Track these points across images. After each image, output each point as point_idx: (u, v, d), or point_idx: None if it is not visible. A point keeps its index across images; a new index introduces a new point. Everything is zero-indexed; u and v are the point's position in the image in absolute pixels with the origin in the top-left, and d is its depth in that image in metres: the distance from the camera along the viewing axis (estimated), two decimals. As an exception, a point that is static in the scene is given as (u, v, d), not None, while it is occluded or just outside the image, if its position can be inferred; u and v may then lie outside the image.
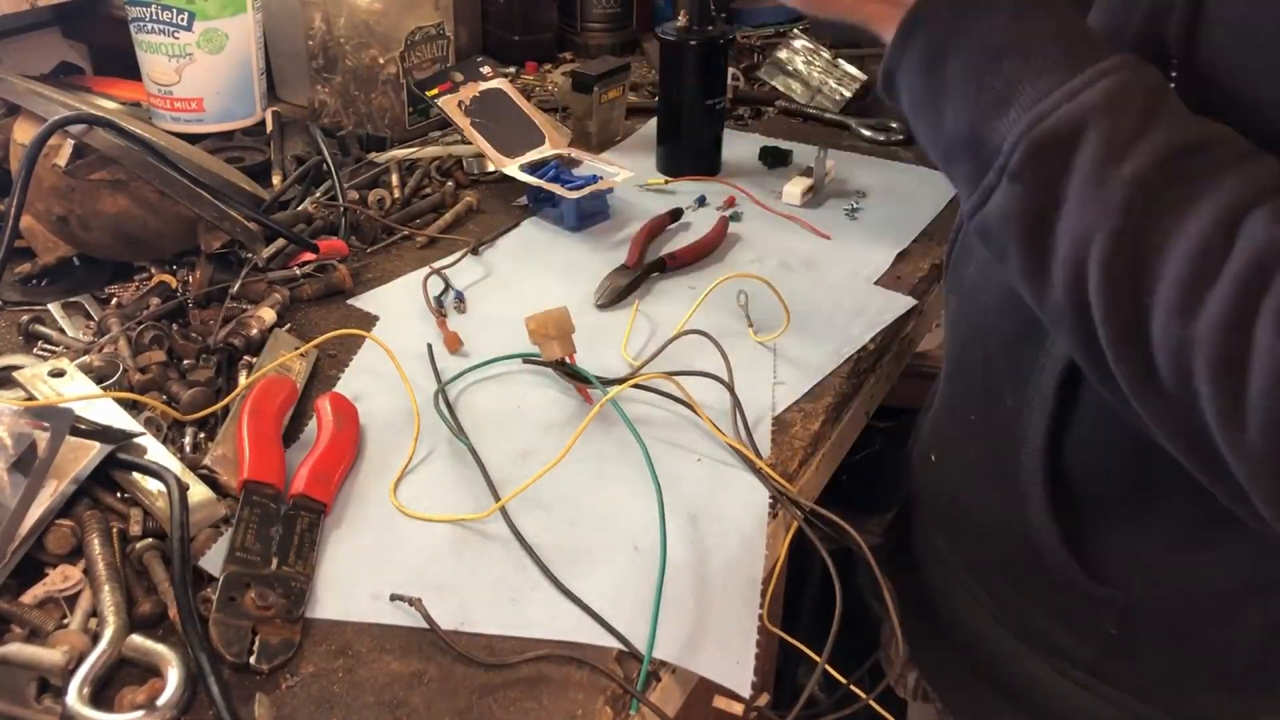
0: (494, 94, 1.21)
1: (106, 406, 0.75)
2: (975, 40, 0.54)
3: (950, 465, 0.80)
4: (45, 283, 0.97)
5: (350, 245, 1.04)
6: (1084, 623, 0.69)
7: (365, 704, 0.59)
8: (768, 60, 1.52)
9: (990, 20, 0.54)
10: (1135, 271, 0.49)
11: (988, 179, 0.53)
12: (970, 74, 0.54)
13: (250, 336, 0.88)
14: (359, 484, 0.75)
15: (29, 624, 0.61)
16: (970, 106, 0.54)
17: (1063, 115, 0.50)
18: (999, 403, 0.70)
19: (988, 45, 0.54)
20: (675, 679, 0.64)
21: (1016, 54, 0.53)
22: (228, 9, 1.17)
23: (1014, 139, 0.51)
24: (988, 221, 0.55)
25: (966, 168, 0.56)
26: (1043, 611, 0.72)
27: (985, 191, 0.54)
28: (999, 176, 0.53)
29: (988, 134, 0.53)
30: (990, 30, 0.54)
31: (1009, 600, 0.75)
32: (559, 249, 1.08)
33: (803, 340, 0.93)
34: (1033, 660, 0.74)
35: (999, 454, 0.70)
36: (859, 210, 1.17)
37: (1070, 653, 0.71)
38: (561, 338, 0.82)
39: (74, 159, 0.90)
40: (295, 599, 0.64)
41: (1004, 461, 0.70)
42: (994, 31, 0.54)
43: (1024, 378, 0.67)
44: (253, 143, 1.23)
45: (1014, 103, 0.52)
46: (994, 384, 0.71)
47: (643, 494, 0.74)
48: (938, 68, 0.55)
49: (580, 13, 1.61)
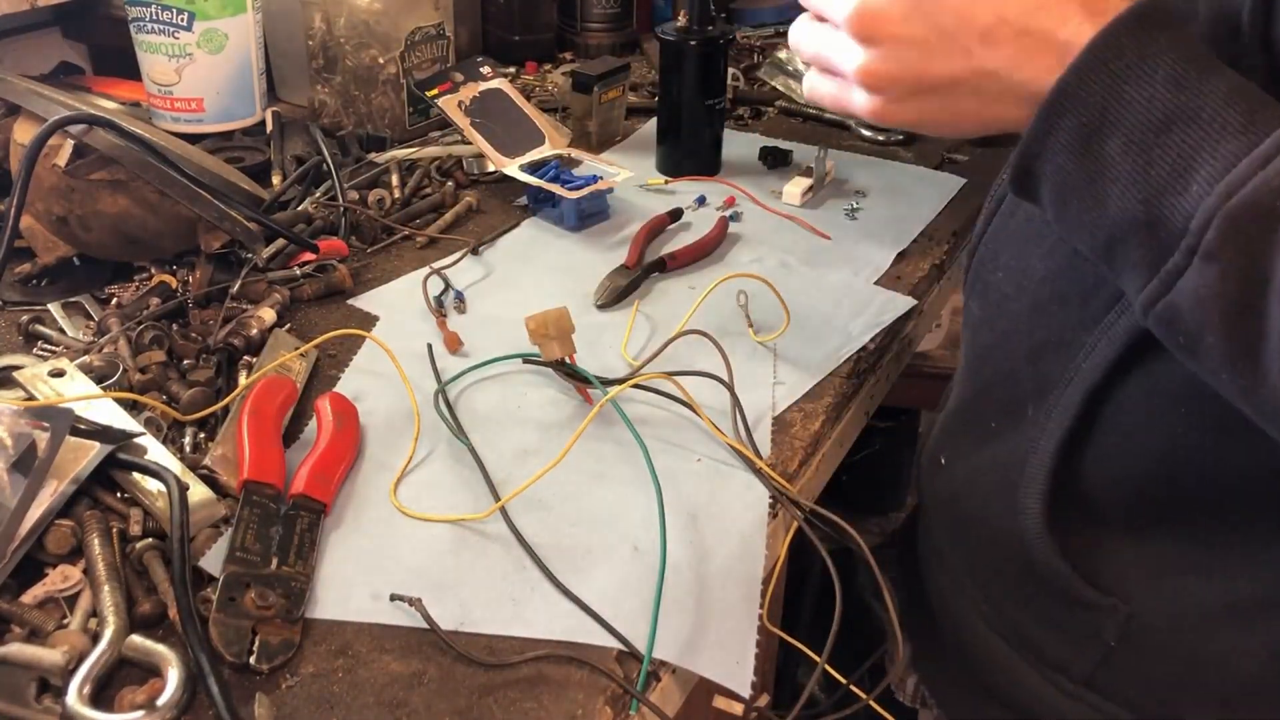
0: (494, 94, 1.21)
1: (106, 406, 0.75)
2: (1136, 114, 0.49)
3: (958, 469, 0.79)
4: (45, 283, 0.97)
5: (350, 245, 1.04)
6: (1082, 634, 0.69)
7: (365, 704, 0.59)
8: (768, 60, 1.52)
9: (1150, 90, 0.49)
10: None
11: (1172, 261, 0.49)
12: (1135, 150, 0.49)
13: (250, 336, 0.88)
14: (359, 484, 0.75)
15: (29, 624, 0.61)
16: (1139, 185, 0.49)
17: (1259, 184, 0.46)
18: (1019, 411, 0.69)
19: (1151, 117, 0.49)
20: (675, 679, 0.64)
21: (1187, 123, 0.48)
22: (228, 9, 1.17)
23: (1205, 215, 0.47)
24: (1176, 307, 0.50)
25: (1139, 253, 0.51)
26: (1039, 621, 0.72)
27: (1170, 275, 0.49)
28: (1188, 257, 0.48)
29: (1166, 213, 0.49)
30: (1152, 101, 0.49)
31: (1007, 608, 0.75)
32: (559, 249, 1.08)
33: (803, 340, 0.93)
34: (1028, 670, 0.73)
35: (1008, 461, 0.70)
36: (859, 210, 1.17)
37: (1065, 664, 0.71)
38: (561, 338, 0.82)
39: (74, 159, 0.90)
40: (295, 599, 0.64)
41: (1010, 469, 0.69)
42: (1156, 102, 0.49)
43: (1049, 388, 0.66)
44: (253, 143, 1.23)
45: (1194, 176, 0.48)
46: (1017, 393, 0.70)
47: (643, 494, 0.74)
48: (1094, 148, 0.50)
49: (580, 13, 1.61)
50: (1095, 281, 0.63)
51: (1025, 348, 0.69)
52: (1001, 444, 0.72)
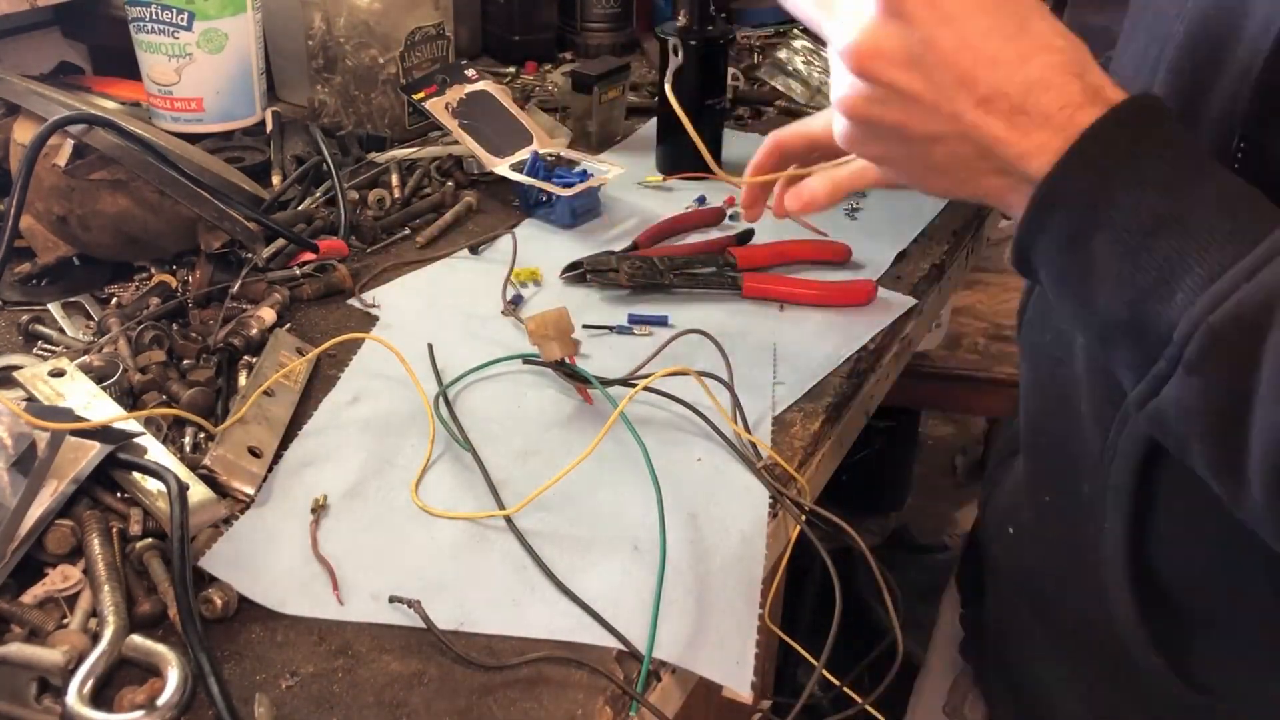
0: (480, 96, 1.21)
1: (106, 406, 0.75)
2: (1124, 214, 0.47)
3: (1028, 543, 0.76)
4: (45, 283, 0.97)
5: (350, 245, 1.04)
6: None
7: (365, 704, 0.59)
8: (768, 60, 1.52)
9: (1138, 194, 0.47)
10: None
11: (1158, 367, 0.48)
12: (1122, 252, 0.48)
13: (250, 336, 0.88)
14: (360, 484, 0.75)
15: (29, 624, 0.61)
16: (1125, 289, 0.48)
17: (1243, 297, 0.44)
18: (1075, 488, 0.66)
19: (1138, 219, 0.47)
20: (675, 679, 0.64)
21: (1174, 228, 0.46)
22: (228, 9, 1.17)
23: (1188, 326, 0.45)
24: (1163, 412, 0.48)
25: (1128, 355, 0.50)
26: (1135, 709, 0.68)
27: (1156, 380, 0.48)
28: (1172, 366, 0.47)
29: (1151, 319, 0.47)
30: (1139, 204, 0.47)
31: (1099, 690, 0.71)
32: (554, 247, 1.08)
33: (803, 340, 0.93)
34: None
35: (1079, 542, 0.66)
36: (859, 210, 1.17)
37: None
38: (561, 338, 0.82)
39: (74, 159, 0.90)
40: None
41: (1085, 551, 0.65)
42: (1144, 205, 0.47)
43: (1099, 465, 0.62)
44: (253, 143, 1.23)
45: (1180, 284, 0.46)
46: (1071, 467, 0.66)
47: (643, 494, 0.74)
48: (1081, 245, 0.49)
49: (580, 13, 1.61)
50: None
51: (1076, 420, 0.65)
52: (1065, 521, 0.69)
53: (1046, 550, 0.73)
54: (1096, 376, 0.63)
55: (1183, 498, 0.59)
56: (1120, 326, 0.49)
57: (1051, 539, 0.72)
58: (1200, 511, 0.57)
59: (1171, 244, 0.46)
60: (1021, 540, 0.77)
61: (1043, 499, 0.72)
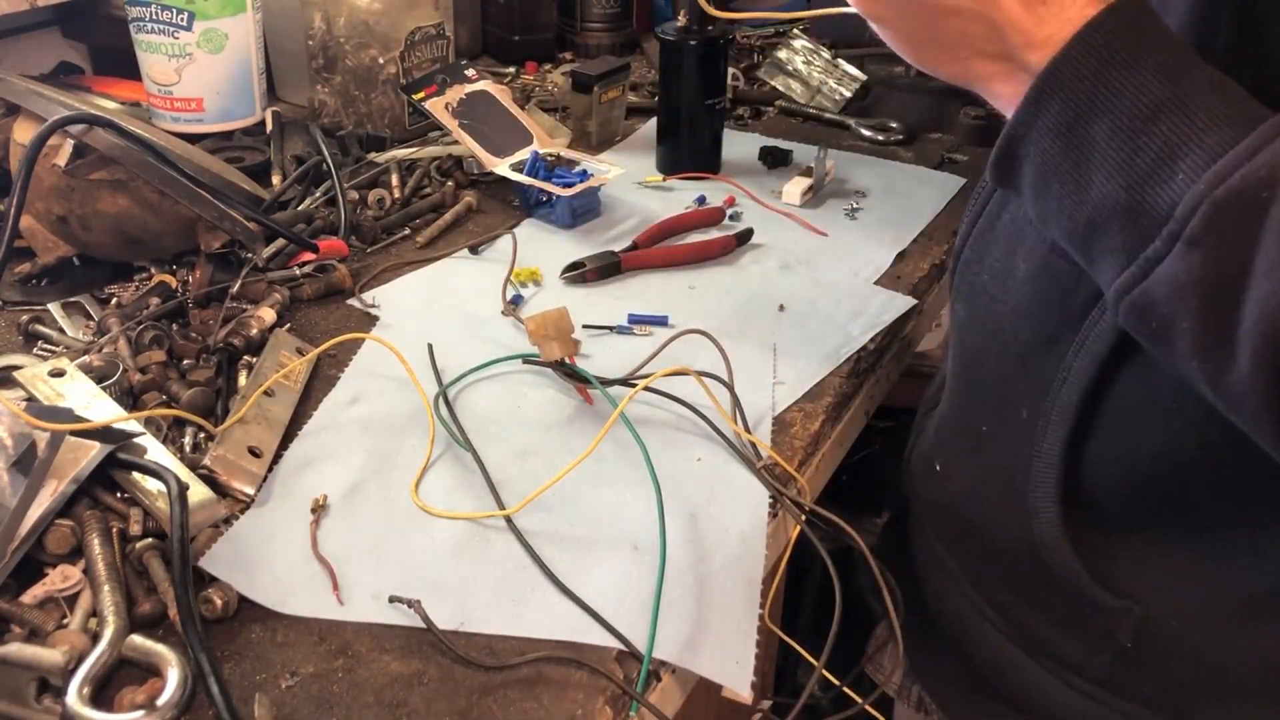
0: (480, 96, 1.21)
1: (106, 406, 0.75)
2: (1125, 99, 0.49)
3: (955, 474, 0.79)
4: (45, 283, 0.97)
5: (350, 245, 1.04)
6: (1096, 635, 0.68)
7: (365, 704, 0.59)
8: (768, 60, 1.52)
9: (1140, 78, 0.49)
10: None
11: (1152, 248, 0.49)
12: (1122, 136, 0.50)
13: (250, 336, 0.88)
14: (360, 484, 0.75)
15: (29, 624, 0.61)
16: (1124, 171, 0.50)
17: (1246, 174, 0.46)
18: (1013, 414, 0.69)
19: (1139, 105, 0.49)
20: (675, 679, 0.64)
21: (1175, 111, 0.49)
22: (228, 9, 1.17)
23: (1192, 201, 0.47)
24: (1152, 293, 0.50)
25: (1119, 239, 0.51)
26: (1051, 623, 0.71)
27: (1150, 261, 0.50)
28: (1169, 243, 0.48)
29: (1150, 199, 0.49)
30: (1141, 88, 0.49)
31: (1015, 612, 0.74)
32: (554, 247, 1.08)
33: (803, 340, 0.93)
34: (1040, 672, 0.73)
35: (1010, 466, 0.69)
36: (859, 210, 1.17)
37: (1080, 665, 0.70)
38: (561, 338, 0.82)
39: (74, 159, 0.90)
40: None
41: (1014, 474, 0.69)
42: (1144, 89, 0.49)
43: (1043, 389, 0.66)
44: (253, 143, 1.23)
45: (1180, 164, 0.48)
46: (1008, 395, 0.70)
47: (643, 494, 0.74)
48: (1080, 132, 0.51)
49: (580, 13, 1.61)
50: (1074, 279, 0.63)
51: (1014, 350, 0.69)
52: (998, 448, 0.72)
53: (975, 478, 0.75)
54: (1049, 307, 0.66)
55: (1125, 415, 0.62)
56: (1114, 212, 0.51)
57: (981, 467, 0.74)
58: (1140, 427, 0.61)
59: (1172, 127, 0.49)
60: (948, 473, 0.80)
61: (980, 429, 0.74)
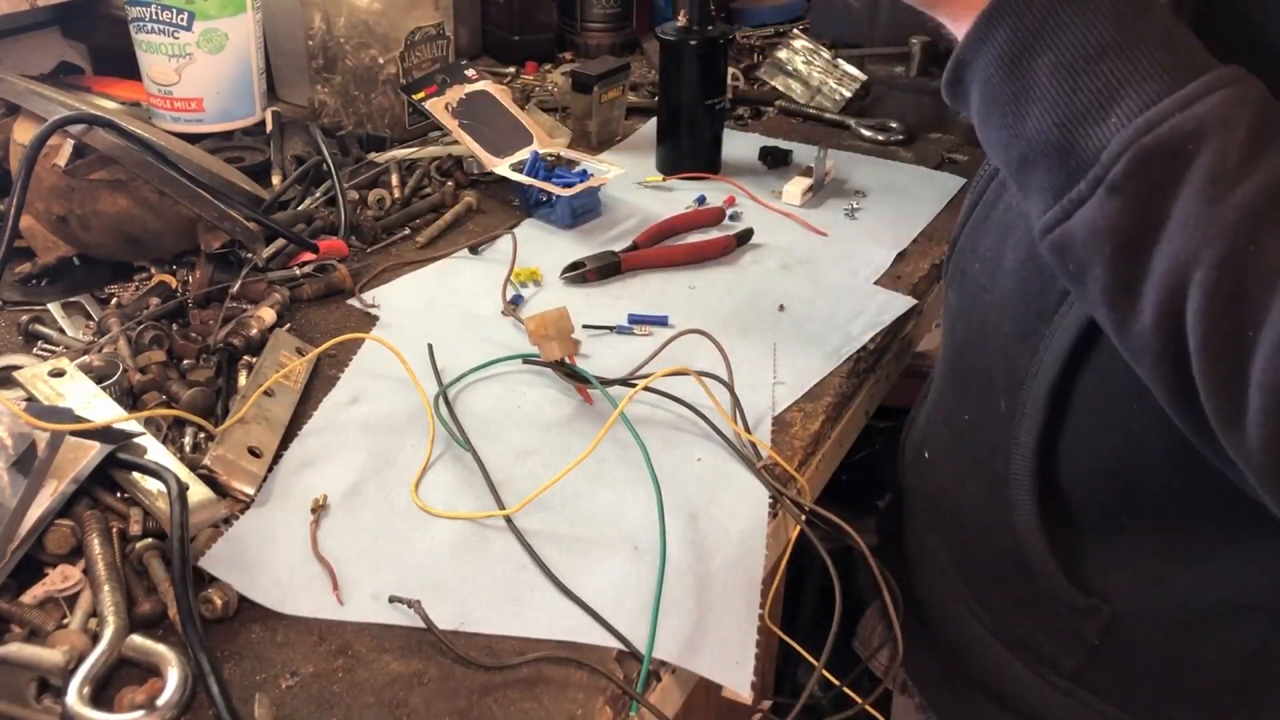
0: (480, 96, 1.21)
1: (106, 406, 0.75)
2: (1071, 36, 0.49)
3: (942, 464, 0.79)
4: (45, 283, 0.97)
5: (350, 245, 1.04)
6: (1068, 632, 0.69)
7: (365, 704, 0.59)
8: (768, 60, 1.52)
9: (1089, 16, 0.49)
10: (1240, 301, 0.45)
11: (1077, 190, 0.49)
12: (1063, 73, 0.49)
13: (250, 336, 0.88)
14: (360, 484, 0.75)
15: (29, 624, 0.61)
16: (1060, 109, 0.49)
17: (1175, 125, 0.46)
18: (994, 405, 0.69)
19: (1085, 43, 0.49)
20: (675, 679, 0.64)
21: (1119, 55, 0.48)
22: (228, 9, 1.17)
23: (1119, 146, 0.47)
24: (1071, 235, 0.50)
25: (1047, 177, 0.51)
26: (1028, 618, 0.72)
27: (1072, 203, 0.49)
28: (1093, 187, 0.48)
29: (1080, 140, 0.49)
30: (1089, 27, 0.49)
31: (995, 604, 0.75)
32: (554, 247, 1.08)
33: (803, 340, 0.93)
34: (1018, 666, 0.73)
35: (991, 457, 0.70)
36: (859, 210, 1.17)
37: (1054, 660, 0.71)
38: (561, 338, 0.82)
39: (74, 159, 0.90)
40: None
41: (995, 466, 0.69)
42: (1093, 29, 0.48)
43: (1019, 382, 0.66)
44: (253, 143, 1.23)
45: (1115, 108, 0.48)
46: (990, 386, 0.70)
47: (643, 494, 0.74)
48: (1023, 63, 0.50)
49: (580, 13, 1.61)
50: (1052, 273, 0.62)
51: (997, 340, 0.69)
52: (981, 438, 0.72)
53: (960, 468, 0.76)
54: (1029, 299, 0.66)
55: (1090, 412, 0.63)
56: (1045, 149, 0.50)
57: (966, 457, 0.75)
58: (1103, 425, 0.62)
59: (1113, 70, 0.48)
60: (936, 462, 0.80)
61: (963, 418, 0.74)
